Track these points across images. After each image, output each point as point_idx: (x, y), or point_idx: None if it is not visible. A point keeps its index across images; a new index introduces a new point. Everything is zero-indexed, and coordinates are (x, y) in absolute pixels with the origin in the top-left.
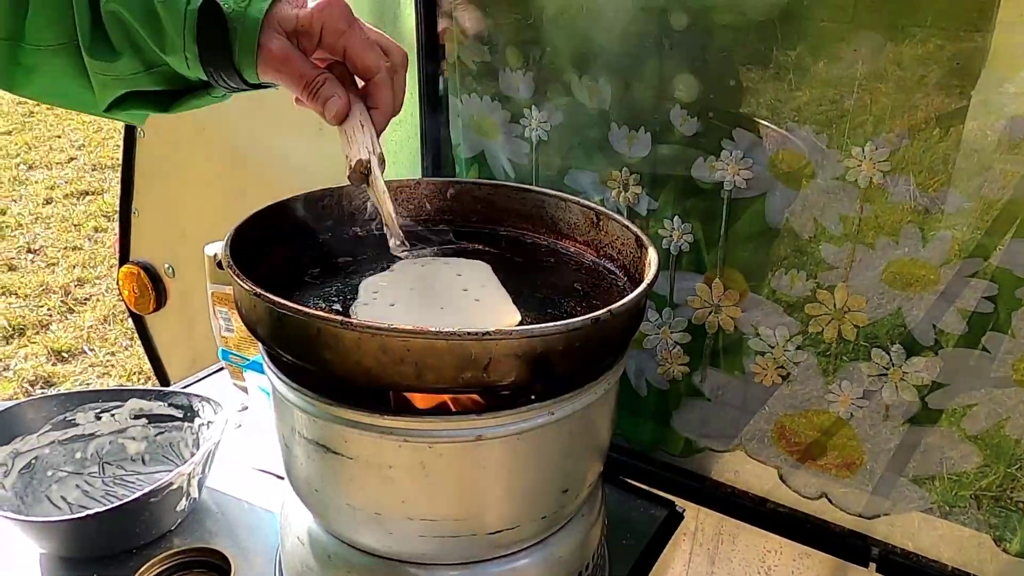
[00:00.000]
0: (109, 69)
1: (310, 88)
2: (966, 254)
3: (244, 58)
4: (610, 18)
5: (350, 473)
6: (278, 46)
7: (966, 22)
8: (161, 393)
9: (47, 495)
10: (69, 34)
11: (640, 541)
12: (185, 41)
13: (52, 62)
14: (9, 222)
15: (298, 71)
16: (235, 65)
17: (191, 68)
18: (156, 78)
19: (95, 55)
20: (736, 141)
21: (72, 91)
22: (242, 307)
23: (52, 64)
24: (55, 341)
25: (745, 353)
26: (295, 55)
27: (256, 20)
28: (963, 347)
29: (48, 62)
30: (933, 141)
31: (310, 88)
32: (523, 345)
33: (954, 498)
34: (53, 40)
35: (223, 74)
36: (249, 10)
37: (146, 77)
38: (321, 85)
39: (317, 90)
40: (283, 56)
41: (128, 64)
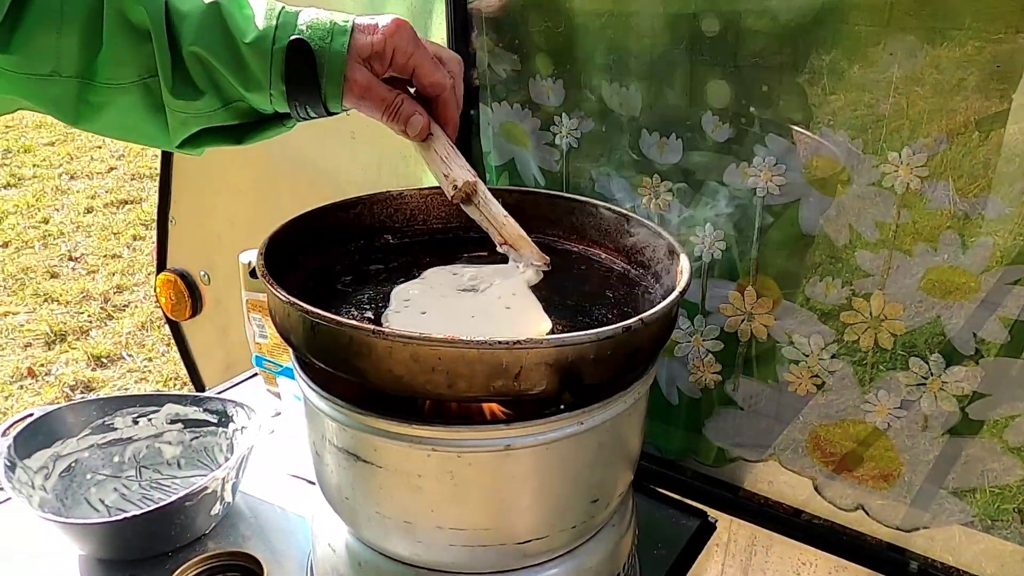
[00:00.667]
0: (190, 107)
1: (391, 110)
2: (1008, 261)
3: (331, 89)
4: (640, 24)
5: (380, 481)
6: (362, 76)
7: (1006, 23)
8: (196, 399)
9: (86, 497)
10: (141, 72)
11: (672, 552)
12: (271, 79)
13: (122, 99)
14: (51, 231)
15: (380, 96)
16: (321, 97)
17: (274, 103)
18: (232, 113)
19: (178, 95)
20: (769, 147)
21: (140, 127)
22: (275, 315)
23: (122, 101)
24: (95, 347)
25: (779, 361)
26: (375, 82)
27: (341, 54)
28: (1005, 356)
29: (118, 99)
30: (973, 145)
31: (391, 110)
32: (554, 354)
33: (996, 511)
34: (126, 79)
35: (308, 106)
36: (332, 45)
37: (223, 113)
38: (400, 105)
39: (398, 110)
40: (366, 85)
41: (209, 102)
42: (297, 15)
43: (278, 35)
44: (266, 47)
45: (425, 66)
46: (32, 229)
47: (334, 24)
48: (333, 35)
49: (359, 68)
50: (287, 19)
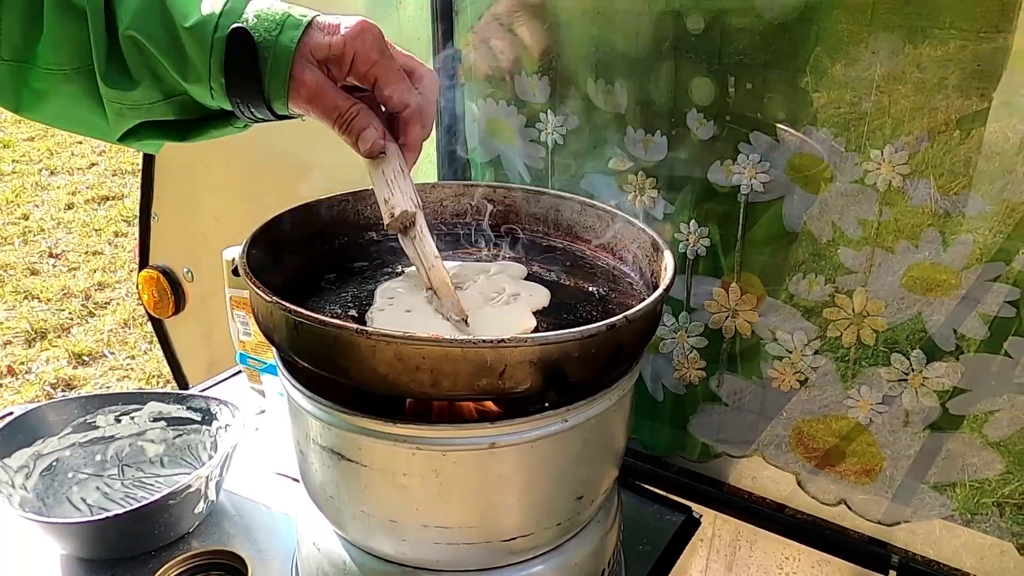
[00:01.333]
0: (124, 98)
1: (342, 120)
2: (988, 258)
3: (275, 89)
4: (626, 22)
5: (364, 480)
6: (311, 77)
7: (987, 23)
8: (180, 396)
9: (68, 497)
10: (84, 59)
11: (656, 547)
12: (211, 70)
13: (64, 87)
14: (31, 227)
15: (331, 103)
16: (264, 96)
17: (215, 98)
18: (174, 107)
19: (110, 83)
20: (753, 144)
21: (84, 118)
22: (258, 314)
23: (64, 89)
24: (76, 345)
25: (763, 358)
26: (328, 86)
27: (289, 50)
28: (985, 352)
29: (60, 87)
30: (954, 144)
31: (342, 120)
32: (538, 352)
33: (976, 505)
34: (67, 64)
35: (250, 105)
36: (281, 39)
37: (164, 106)
38: (354, 117)
39: (350, 122)
40: (316, 87)
41: (145, 93)
42: (248, 2)
43: (221, 22)
44: (206, 34)
45: (388, 77)
46: (12, 225)
47: (287, 16)
48: (283, 28)
49: (309, 68)
50: (235, 5)
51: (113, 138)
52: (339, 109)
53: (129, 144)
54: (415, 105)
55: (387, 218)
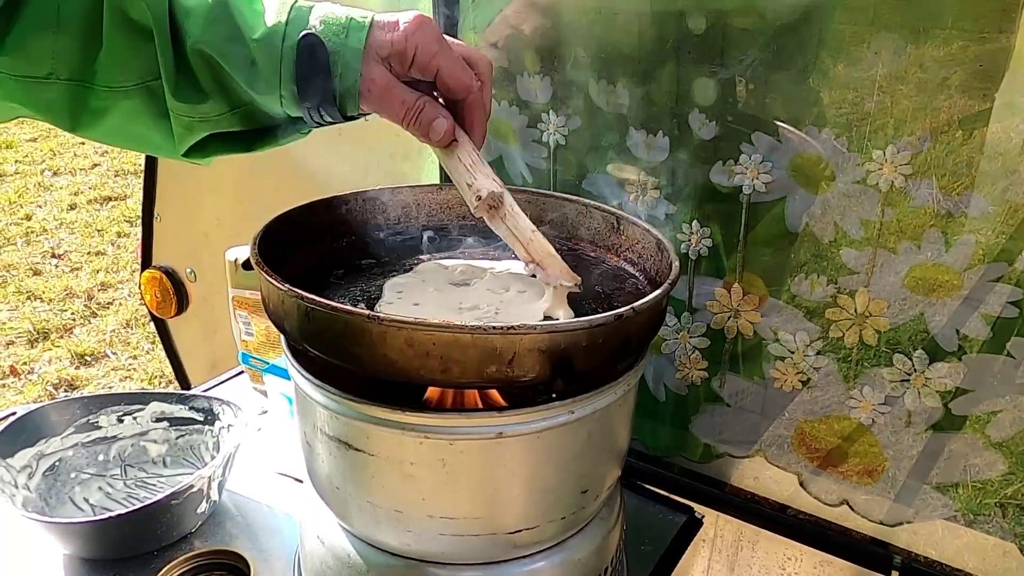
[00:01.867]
0: (194, 111)
1: (412, 115)
2: (990, 259)
3: (347, 93)
4: (628, 22)
5: (371, 470)
6: (380, 76)
7: (989, 23)
8: (182, 397)
9: (70, 497)
10: (144, 75)
11: (658, 547)
12: (282, 79)
13: (124, 104)
14: (34, 227)
15: (399, 99)
16: (335, 99)
17: (284, 106)
18: (241, 118)
19: (180, 97)
20: (755, 145)
21: (142, 134)
22: (269, 303)
23: (123, 106)
24: (78, 345)
25: (765, 358)
26: (395, 83)
27: (358, 52)
28: (987, 353)
29: (119, 104)
30: (956, 144)
31: (412, 115)
32: (547, 340)
33: (979, 506)
34: (128, 81)
35: (322, 109)
36: (348, 41)
37: (231, 118)
38: (422, 110)
39: (418, 115)
40: (384, 86)
41: (214, 105)
42: (311, 9)
43: (289, 31)
44: (276, 44)
45: (450, 67)
46: (14, 226)
47: (351, 20)
48: (349, 31)
49: (377, 67)
50: (299, 14)
51: (176, 154)
52: (407, 104)
53: (192, 159)
54: (476, 89)
55: (474, 201)
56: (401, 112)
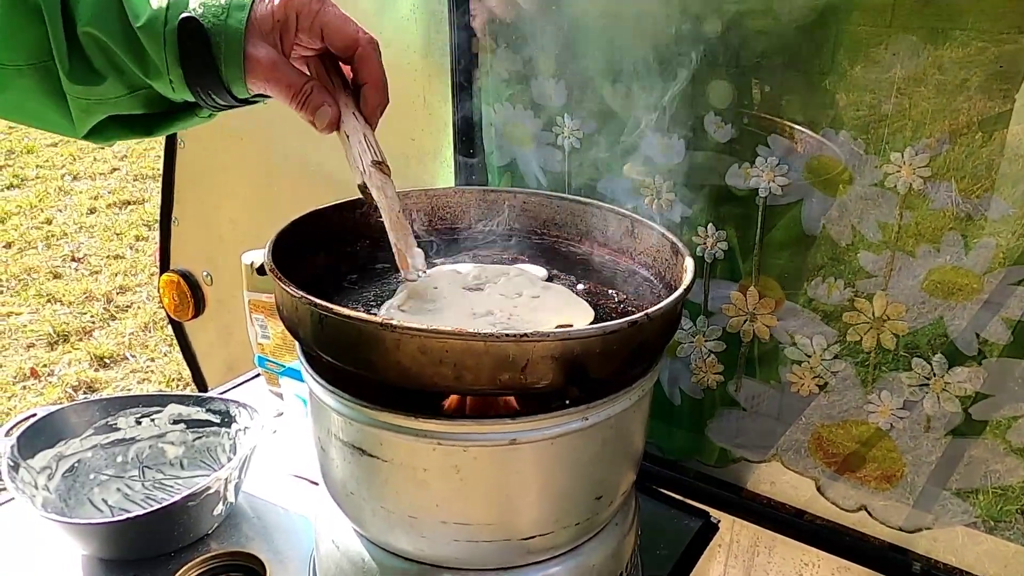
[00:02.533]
0: (90, 93)
1: (299, 97)
2: (1011, 262)
3: (231, 72)
4: (643, 25)
5: (385, 476)
6: (264, 54)
7: (1009, 24)
8: (199, 399)
9: (89, 498)
10: (38, 55)
11: (674, 552)
12: (168, 64)
13: (19, 82)
14: (55, 231)
15: (286, 79)
16: (223, 81)
17: (176, 91)
18: (140, 101)
19: (75, 79)
20: (771, 147)
21: (40, 112)
22: (283, 309)
23: (19, 84)
24: (98, 347)
25: (781, 362)
26: (281, 62)
27: (238, 31)
28: (1008, 357)
29: (14, 82)
30: (976, 146)
31: (299, 97)
32: (560, 347)
33: (999, 512)
34: (21, 60)
35: (211, 92)
36: (229, 21)
37: (129, 100)
38: (309, 94)
39: (306, 99)
40: (270, 64)
41: (111, 87)
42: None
43: (169, 15)
44: (158, 29)
45: (333, 22)
46: (35, 230)
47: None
48: (229, 11)
49: (262, 46)
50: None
51: (78, 134)
52: (294, 87)
53: (94, 140)
54: (365, 43)
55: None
56: (289, 94)
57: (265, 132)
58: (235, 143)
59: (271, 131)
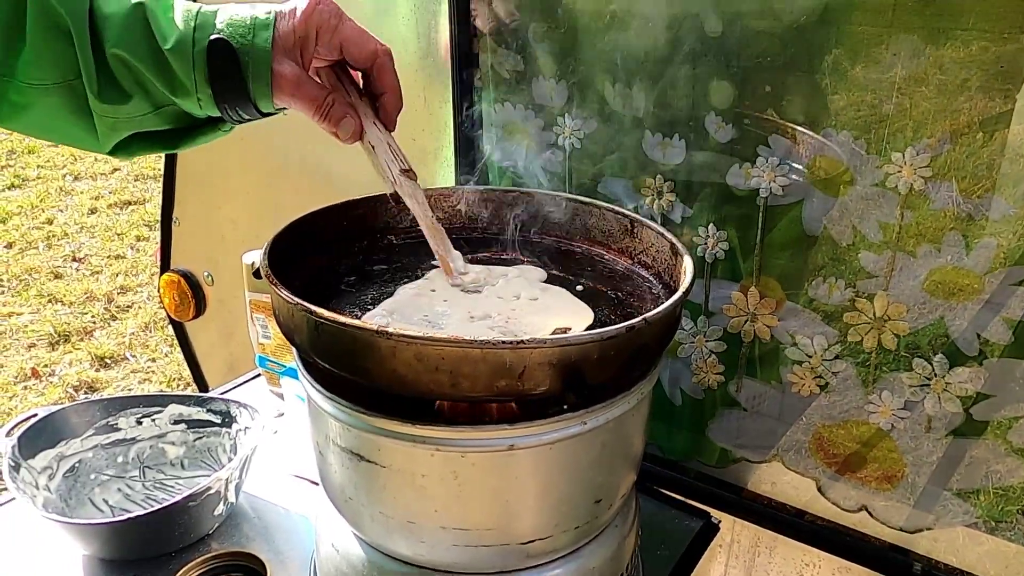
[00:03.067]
0: (117, 112)
1: (323, 109)
2: (1012, 262)
3: (259, 89)
4: (644, 25)
5: (383, 481)
6: (290, 71)
7: (1010, 23)
8: (200, 399)
9: (90, 498)
10: (66, 74)
11: (675, 553)
12: (196, 83)
13: (45, 100)
14: (55, 231)
15: (310, 94)
16: (250, 97)
17: (203, 107)
18: (164, 118)
19: (104, 98)
20: (772, 147)
21: (67, 130)
22: (279, 315)
23: (45, 102)
24: (98, 348)
25: (782, 362)
26: (304, 78)
27: (266, 50)
28: (1009, 357)
29: (40, 100)
30: (977, 146)
31: (323, 109)
32: (557, 354)
33: (1000, 513)
34: (48, 80)
35: (238, 108)
36: (256, 40)
37: (154, 117)
38: (332, 106)
39: (329, 111)
40: (295, 80)
41: (137, 106)
42: (216, 14)
43: (197, 36)
44: (187, 50)
45: (352, 37)
46: (36, 230)
47: (255, 19)
48: (255, 30)
49: (286, 62)
50: (205, 19)
51: (103, 150)
52: (317, 100)
53: (119, 156)
54: (383, 55)
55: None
56: (312, 107)
57: (266, 132)
58: (236, 143)
59: (272, 131)
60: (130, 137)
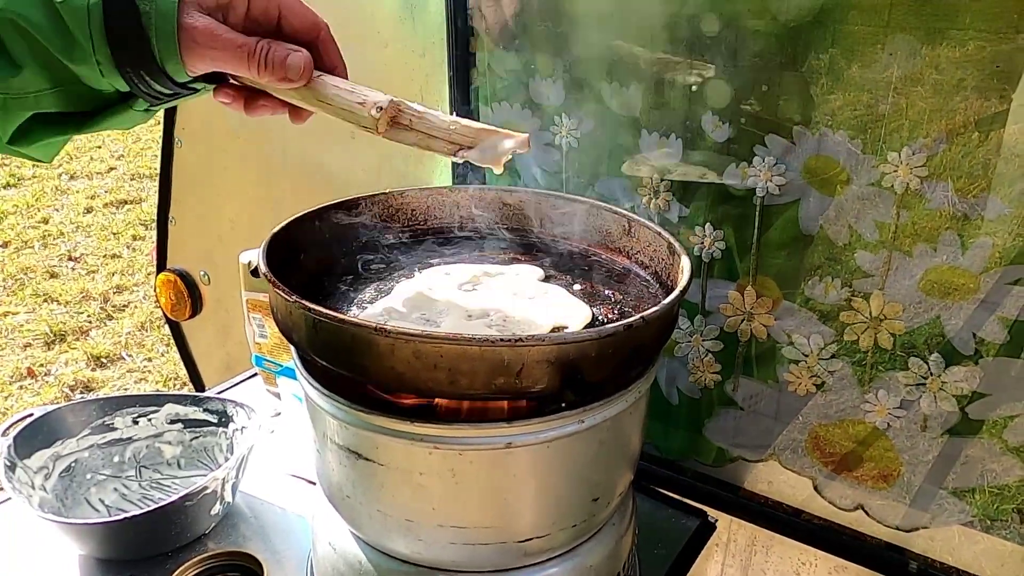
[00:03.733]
0: (7, 86)
1: (256, 56)
2: (1007, 261)
3: (165, 47)
4: (640, 25)
5: (381, 479)
6: (203, 23)
7: (1006, 23)
8: (196, 399)
9: (86, 497)
10: None
11: (672, 551)
12: (94, 42)
13: None
14: (51, 231)
15: (233, 43)
16: (156, 59)
17: (106, 74)
18: (65, 97)
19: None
20: (769, 147)
21: None
22: (278, 313)
23: None
24: (94, 347)
25: (779, 361)
26: (222, 29)
27: (171, 2)
28: (1004, 356)
29: None
30: (972, 146)
31: (256, 56)
32: (556, 351)
33: (996, 511)
34: None
35: (145, 74)
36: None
37: (52, 96)
38: (267, 49)
39: (266, 55)
40: (209, 32)
41: (32, 79)
42: None
43: None
44: (81, 3)
45: (293, 4)
46: (32, 229)
47: None
48: None
49: (199, 16)
50: None
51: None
52: (247, 46)
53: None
54: (325, 26)
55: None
56: (242, 56)
57: (263, 130)
58: (233, 141)
59: (269, 129)
60: (30, 122)
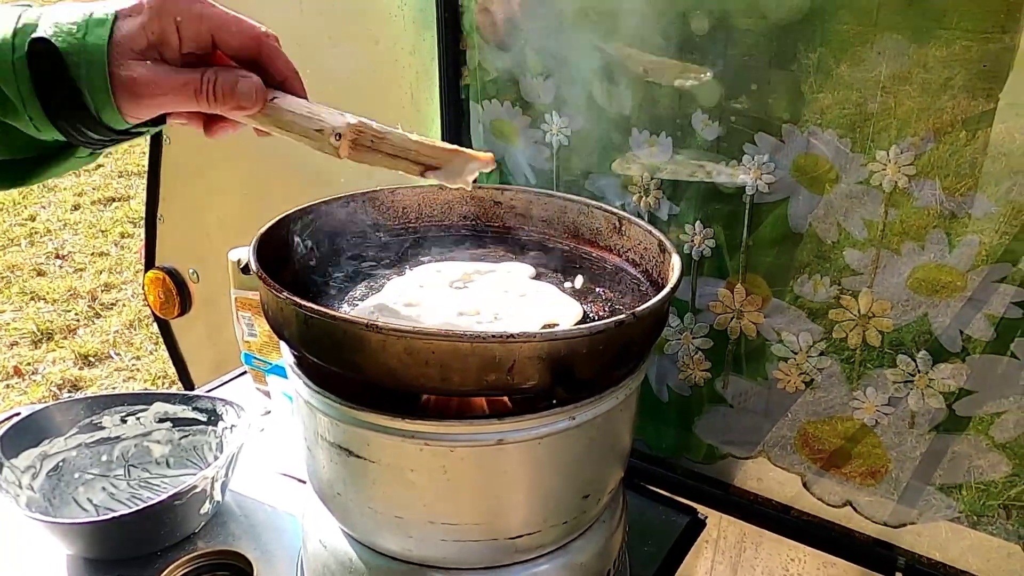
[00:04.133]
0: None
1: (204, 90)
2: (994, 259)
3: (99, 99)
4: (631, 23)
5: (372, 476)
6: (140, 73)
7: (993, 23)
8: (185, 397)
9: (74, 497)
10: None
11: (661, 548)
12: (24, 98)
13: None
14: (38, 228)
15: (177, 83)
16: (91, 112)
17: (40, 129)
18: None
19: None
20: (758, 145)
21: None
22: (269, 310)
23: None
24: (82, 346)
25: (768, 359)
26: (161, 71)
27: (100, 48)
28: (991, 353)
29: None
30: (960, 144)
31: (204, 90)
32: (547, 348)
33: (983, 507)
34: None
35: (81, 126)
36: (88, 38)
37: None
38: (214, 80)
39: (214, 85)
40: (150, 82)
41: None
42: (41, 16)
43: (17, 42)
44: (7, 59)
45: (226, 23)
46: (18, 227)
47: (89, 17)
48: (88, 28)
49: (135, 64)
50: (29, 19)
51: None
52: (191, 83)
53: None
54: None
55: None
56: (189, 93)
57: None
58: (222, 139)
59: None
60: None
